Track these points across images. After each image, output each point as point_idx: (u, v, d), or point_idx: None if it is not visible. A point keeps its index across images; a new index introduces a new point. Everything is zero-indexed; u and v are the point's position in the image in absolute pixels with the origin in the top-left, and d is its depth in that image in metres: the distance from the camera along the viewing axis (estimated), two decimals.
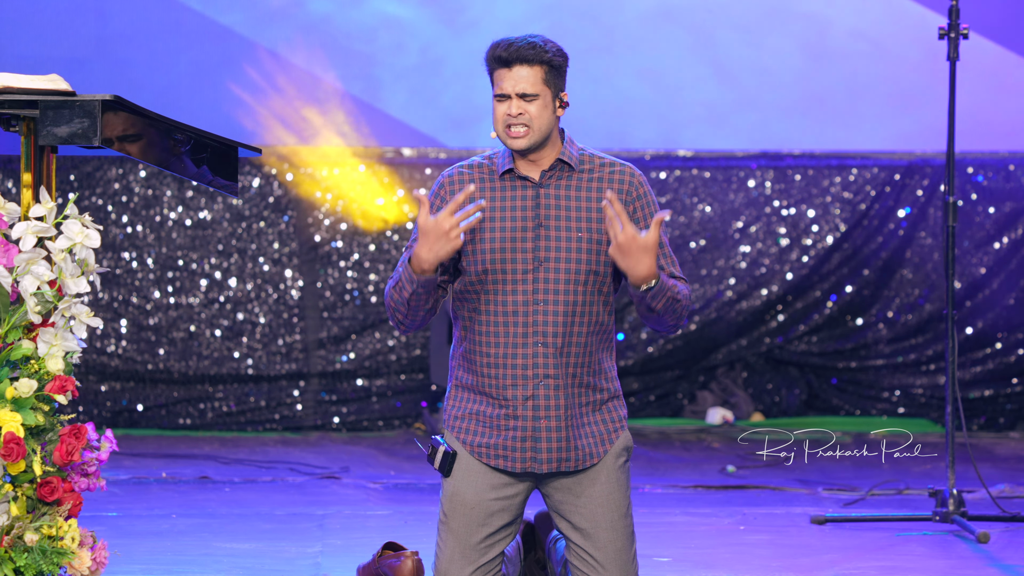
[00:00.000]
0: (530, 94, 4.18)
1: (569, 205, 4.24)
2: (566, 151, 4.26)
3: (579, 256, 4.21)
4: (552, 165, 4.26)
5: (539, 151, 4.25)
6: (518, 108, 4.18)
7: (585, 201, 4.25)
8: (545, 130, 4.21)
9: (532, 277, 4.22)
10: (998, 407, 9.31)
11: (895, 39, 9.27)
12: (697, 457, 8.26)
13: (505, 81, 4.18)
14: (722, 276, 9.40)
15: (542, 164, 4.26)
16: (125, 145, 4.01)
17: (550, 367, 4.22)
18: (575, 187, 4.25)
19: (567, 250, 4.21)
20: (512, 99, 4.18)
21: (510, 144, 4.21)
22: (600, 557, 4.27)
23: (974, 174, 9.33)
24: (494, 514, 4.28)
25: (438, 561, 4.31)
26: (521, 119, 4.18)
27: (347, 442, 8.73)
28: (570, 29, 8.94)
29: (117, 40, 9.04)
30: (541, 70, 4.19)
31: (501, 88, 4.19)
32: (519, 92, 4.17)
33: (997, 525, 6.17)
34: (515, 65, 4.18)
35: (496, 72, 4.21)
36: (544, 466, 4.24)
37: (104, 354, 9.04)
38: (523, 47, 4.18)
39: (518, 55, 4.18)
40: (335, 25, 9.19)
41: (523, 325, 4.21)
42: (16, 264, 3.83)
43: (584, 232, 4.21)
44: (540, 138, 4.21)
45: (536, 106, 4.18)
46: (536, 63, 4.18)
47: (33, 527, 3.79)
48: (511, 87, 4.17)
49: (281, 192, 9.19)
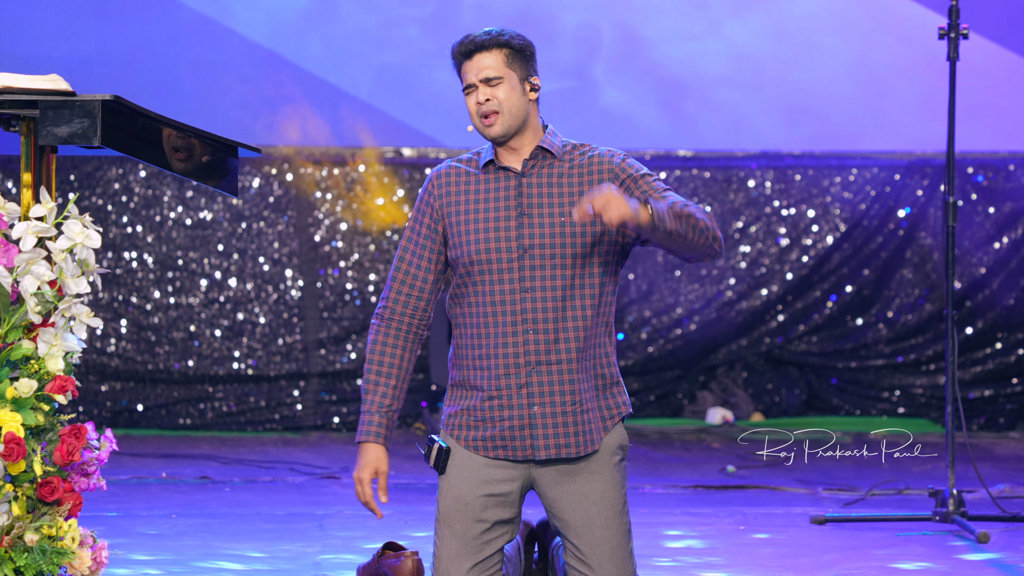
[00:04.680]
0: (493, 77, 4.23)
1: (552, 192, 4.25)
2: (547, 140, 4.28)
3: (563, 240, 4.22)
4: (533, 154, 4.27)
5: (517, 137, 4.27)
6: (484, 94, 4.23)
7: (567, 187, 4.26)
8: (516, 113, 4.24)
9: (518, 265, 4.23)
10: (998, 407, 9.31)
11: (895, 39, 9.27)
12: (697, 457, 8.26)
13: (469, 72, 4.25)
14: (722, 276, 9.40)
15: (523, 152, 4.28)
16: (125, 145, 4.01)
17: (542, 353, 4.22)
18: (557, 174, 4.27)
19: (551, 236, 4.22)
20: (478, 87, 4.22)
21: (485, 132, 4.26)
22: (596, 555, 4.26)
23: (974, 174, 9.33)
24: (489, 509, 4.28)
25: (437, 560, 4.31)
26: (490, 105, 4.22)
27: (347, 442, 8.73)
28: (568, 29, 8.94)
29: (117, 40, 9.04)
30: (501, 53, 4.24)
31: (467, 79, 4.26)
32: (482, 78, 4.23)
33: (997, 525, 6.17)
34: (475, 54, 4.25)
35: (462, 67, 4.28)
36: (542, 452, 4.24)
37: (104, 354, 9.04)
38: (479, 36, 4.26)
39: (475, 44, 4.25)
40: (335, 25, 9.19)
41: (511, 313, 4.22)
42: (16, 264, 3.83)
43: (567, 217, 4.23)
44: (513, 121, 4.23)
45: (502, 89, 4.22)
46: (494, 47, 4.25)
47: (33, 527, 3.79)
48: (475, 76, 4.24)
49: (281, 192, 9.19)
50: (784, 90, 9.32)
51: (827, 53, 9.30)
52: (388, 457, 4.28)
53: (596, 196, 3.97)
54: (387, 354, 4.31)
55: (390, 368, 4.30)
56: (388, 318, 4.31)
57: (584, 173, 4.27)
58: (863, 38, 9.30)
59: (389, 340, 4.31)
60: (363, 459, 4.27)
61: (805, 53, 9.31)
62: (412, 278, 4.31)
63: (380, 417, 4.28)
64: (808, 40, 9.30)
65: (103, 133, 3.89)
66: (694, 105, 9.33)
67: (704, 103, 9.32)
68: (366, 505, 4.32)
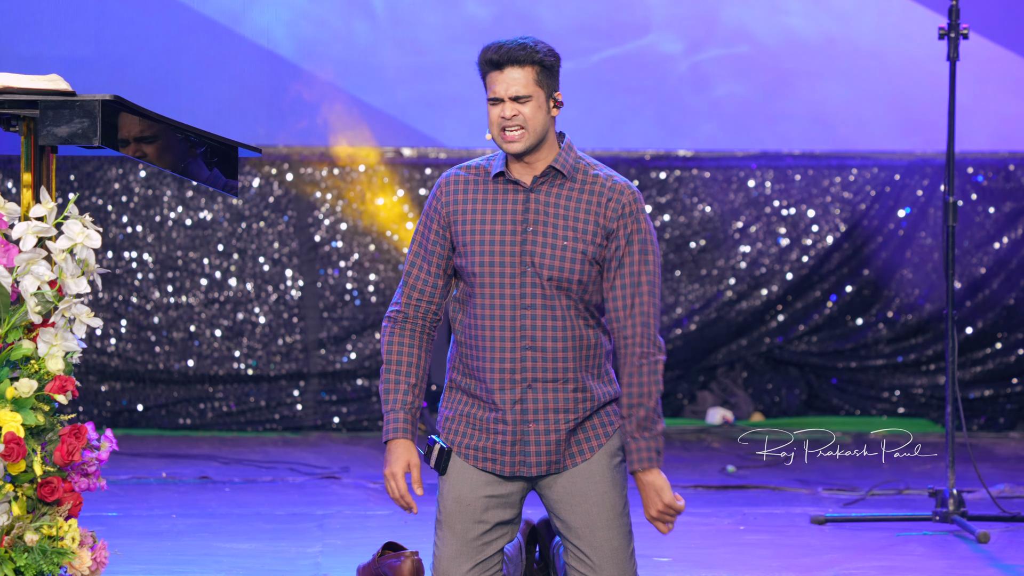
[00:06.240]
0: (523, 96, 4.16)
1: (557, 212, 4.23)
2: (560, 157, 4.24)
3: (562, 264, 4.20)
4: (545, 171, 4.24)
5: (535, 153, 4.24)
6: (512, 110, 4.17)
7: (574, 211, 4.23)
8: (540, 131, 4.21)
9: (520, 281, 4.21)
10: (998, 407, 9.31)
11: (895, 39, 9.27)
12: (697, 457, 8.26)
13: (497, 84, 4.17)
14: (722, 276, 9.40)
15: (536, 168, 4.25)
16: (125, 146, 4.00)
17: (539, 371, 4.21)
18: (565, 195, 4.24)
19: (551, 256, 4.20)
20: (505, 102, 4.17)
21: (506, 147, 4.20)
22: (596, 556, 4.26)
23: (974, 174, 9.33)
24: (491, 510, 4.28)
25: (437, 560, 4.31)
26: (515, 120, 4.17)
27: (347, 442, 8.73)
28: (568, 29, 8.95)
29: (117, 40, 9.04)
30: (533, 71, 4.18)
31: (494, 91, 4.18)
32: (512, 95, 4.16)
33: (997, 525, 6.17)
34: (506, 67, 4.17)
35: (488, 75, 4.20)
36: (534, 469, 4.25)
37: (104, 354, 9.04)
38: (513, 48, 4.17)
39: (509, 57, 4.17)
40: (335, 25, 9.19)
41: (511, 329, 4.21)
42: (16, 264, 3.83)
43: (570, 241, 4.20)
44: (536, 139, 4.20)
45: (530, 107, 4.17)
46: (527, 64, 4.17)
47: (33, 527, 3.79)
48: (503, 90, 4.17)
49: (281, 192, 9.19)
50: (784, 90, 9.32)
51: (827, 53, 9.30)
52: (418, 452, 4.26)
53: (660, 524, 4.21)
54: (404, 353, 4.29)
55: (408, 367, 4.28)
56: (400, 321, 4.31)
57: (593, 201, 4.24)
58: (863, 38, 9.30)
59: (405, 340, 4.30)
60: (392, 455, 4.22)
61: (804, 53, 9.30)
62: (422, 283, 4.30)
63: (404, 414, 4.25)
64: (807, 40, 9.29)
65: (103, 133, 3.89)
66: (694, 105, 9.33)
67: (704, 103, 9.32)
68: (399, 501, 4.21)
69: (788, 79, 9.31)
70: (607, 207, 4.22)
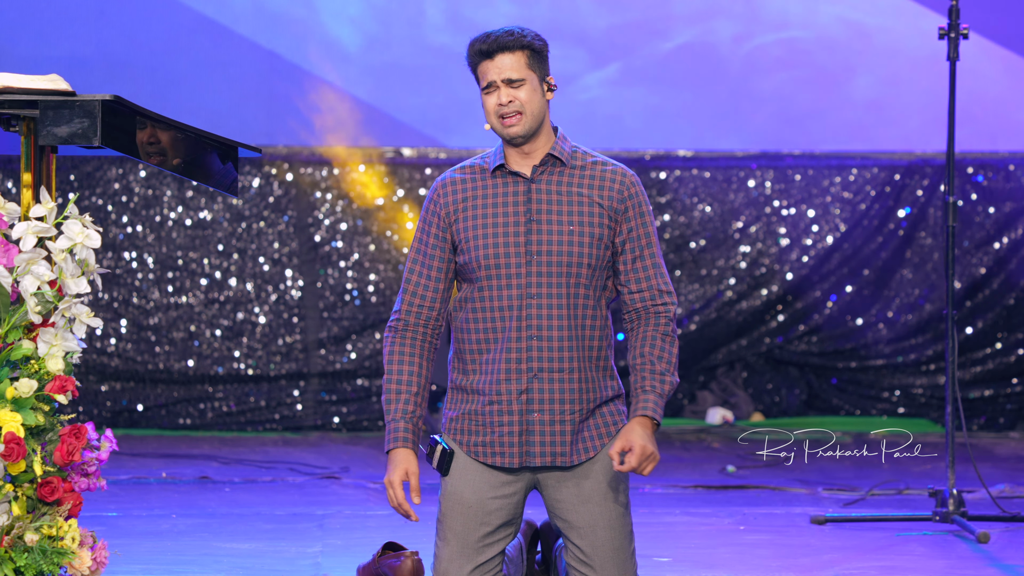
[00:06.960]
0: (516, 79, 4.21)
1: (560, 200, 4.26)
2: (558, 146, 4.28)
3: (570, 249, 4.22)
4: (543, 160, 4.27)
5: (533, 140, 4.26)
6: (508, 95, 4.21)
7: (576, 196, 4.26)
8: (538, 114, 4.24)
9: (525, 271, 4.23)
10: (998, 407, 9.31)
11: (895, 39, 9.27)
12: (697, 457, 8.26)
13: (490, 72, 4.22)
14: (722, 276, 9.40)
15: (534, 157, 4.28)
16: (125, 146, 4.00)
17: (544, 360, 4.23)
18: (566, 182, 4.27)
19: (559, 243, 4.22)
20: (500, 88, 4.21)
21: (505, 133, 4.23)
22: (598, 556, 4.26)
23: (974, 174, 9.33)
24: (492, 512, 4.28)
25: (437, 561, 4.31)
26: (513, 106, 4.21)
27: (347, 442, 8.73)
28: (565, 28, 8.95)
29: (117, 40, 9.04)
30: (523, 55, 4.22)
31: (487, 79, 4.23)
32: (505, 79, 4.21)
33: (997, 525, 6.17)
34: (497, 55, 4.22)
35: (480, 66, 4.25)
36: (537, 459, 4.25)
37: (104, 354, 9.04)
38: (501, 36, 4.22)
39: (498, 44, 4.22)
40: (335, 25, 9.19)
41: (517, 319, 4.22)
42: (16, 264, 3.83)
43: (576, 226, 4.23)
44: (534, 123, 4.23)
45: (525, 91, 4.22)
46: (517, 49, 4.22)
47: (33, 527, 3.79)
48: (497, 75, 4.21)
49: (281, 192, 9.19)
50: (785, 90, 9.32)
51: (827, 53, 9.30)
52: (418, 460, 4.27)
53: (631, 457, 4.13)
54: (404, 363, 4.30)
55: (410, 377, 4.29)
56: (402, 330, 4.31)
57: (595, 187, 4.27)
58: (863, 38, 9.30)
59: (406, 350, 4.31)
60: (392, 463, 4.25)
61: (804, 53, 9.30)
62: (423, 289, 4.31)
63: (406, 423, 4.26)
64: (807, 40, 9.30)
65: (103, 133, 3.89)
66: (695, 105, 9.33)
67: (705, 103, 9.32)
68: (398, 509, 4.23)
69: (787, 78, 9.31)
70: (610, 189, 4.26)
